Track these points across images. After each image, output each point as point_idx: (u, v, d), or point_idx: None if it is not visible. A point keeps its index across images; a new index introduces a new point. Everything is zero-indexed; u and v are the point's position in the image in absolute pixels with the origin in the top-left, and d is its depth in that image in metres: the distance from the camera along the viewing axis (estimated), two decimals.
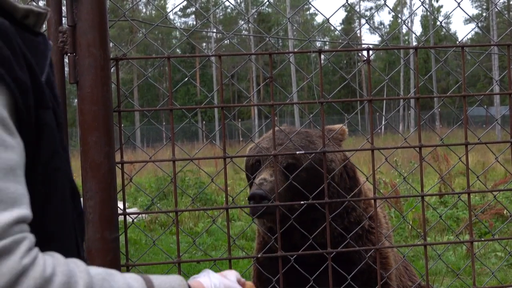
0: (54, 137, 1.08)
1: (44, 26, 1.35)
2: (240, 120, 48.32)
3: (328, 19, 2.32)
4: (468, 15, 2.55)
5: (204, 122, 45.70)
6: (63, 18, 2.12)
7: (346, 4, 2.52)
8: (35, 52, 1.07)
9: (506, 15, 50.82)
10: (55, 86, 1.15)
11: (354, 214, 2.80)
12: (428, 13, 49.46)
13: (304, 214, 2.57)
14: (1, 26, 0.97)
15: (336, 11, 2.62)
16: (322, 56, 2.36)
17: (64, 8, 2.10)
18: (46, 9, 1.16)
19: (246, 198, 2.59)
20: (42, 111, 1.04)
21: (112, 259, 2.03)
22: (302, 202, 2.38)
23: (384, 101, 36.63)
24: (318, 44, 55.96)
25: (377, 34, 60.19)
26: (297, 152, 2.53)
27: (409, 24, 46.15)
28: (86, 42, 2.04)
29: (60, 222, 1.08)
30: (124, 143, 2.27)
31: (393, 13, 56.85)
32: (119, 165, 2.17)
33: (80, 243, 1.16)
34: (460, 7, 2.44)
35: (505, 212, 8.05)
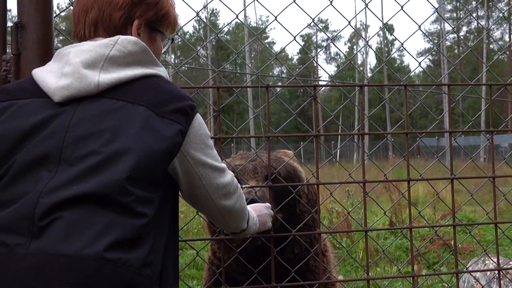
0: None
1: None
2: None
3: (276, 56, 2.36)
4: (411, 55, 2.64)
5: None
6: (7, 46, 2.09)
7: (303, 34, 2.57)
8: None
9: (456, 50, 52.70)
10: None
11: (316, 228, 2.88)
12: (382, 45, 50.85)
13: (284, 219, 2.66)
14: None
15: (287, 45, 2.67)
16: (278, 87, 2.40)
17: (8, 37, 2.07)
18: None
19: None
20: None
21: None
22: (249, 236, 2.38)
23: (339, 129, 37.31)
24: (276, 70, 56.60)
25: (333, 63, 61.34)
26: (244, 186, 2.53)
27: (364, 56, 47.28)
28: (31, 72, 2.00)
29: None
30: None
31: (349, 44, 58.16)
32: None
33: None
34: (405, 49, 2.52)
35: (452, 243, 8.22)
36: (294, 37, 2.32)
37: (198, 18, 2.32)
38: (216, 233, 2.71)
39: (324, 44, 60.02)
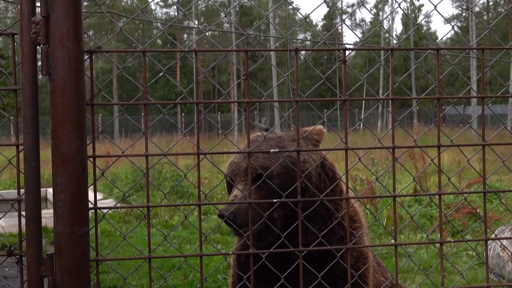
0: None
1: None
2: (219, 112, 48.19)
3: (305, 18, 2.32)
4: (444, 18, 2.57)
5: (183, 113, 45.48)
6: (37, 9, 2.08)
7: (327, 0, 2.52)
8: None
9: (485, 16, 51.36)
10: None
11: (336, 215, 2.80)
12: (409, 12, 49.77)
13: (286, 218, 2.63)
14: None
15: (315, 9, 2.62)
16: (303, 52, 2.37)
17: None
18: None
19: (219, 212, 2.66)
20: None
21: (81, 254, 2.01)
22: (274, 200, 2.39)
23: (364, 95, 36.89)
24: (300, 37, 55.97)
25: (358, 30, 60.42)
26: (271, 150, 2.53)
27: (390, 22, 46.40)
28: (60, 34, 2.00)
29: None
30: (96, 137, 2.24)
31: (374, 11, 57.07)
32: (92, 159, 2.14)
33: None
34: (437, 10, 2.46)
35: (478, 211, 8.18)
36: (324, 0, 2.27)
37: None
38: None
39: (349, 10, 59.04)
